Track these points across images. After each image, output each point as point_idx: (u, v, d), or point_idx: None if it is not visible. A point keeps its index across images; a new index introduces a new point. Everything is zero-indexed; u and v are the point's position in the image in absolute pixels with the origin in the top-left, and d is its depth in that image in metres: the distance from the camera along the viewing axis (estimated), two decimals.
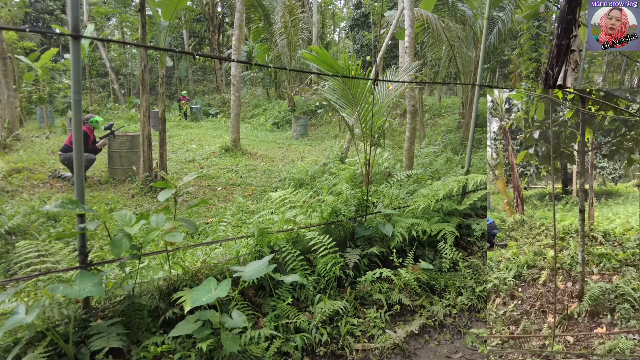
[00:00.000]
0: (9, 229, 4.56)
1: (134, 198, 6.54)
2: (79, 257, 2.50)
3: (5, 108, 10.74)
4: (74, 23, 2.41)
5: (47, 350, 2.25)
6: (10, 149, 9.91)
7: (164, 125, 6.93)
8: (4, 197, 6.00)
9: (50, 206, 2.32)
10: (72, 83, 2.43)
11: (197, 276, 2.81)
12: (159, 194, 2.60)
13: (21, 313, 2.09)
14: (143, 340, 2.47)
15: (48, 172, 7.70)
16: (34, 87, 16.60)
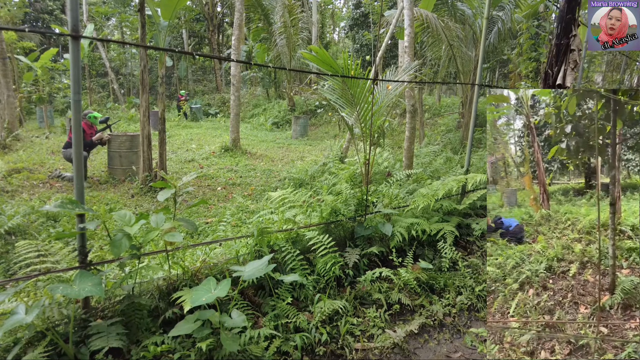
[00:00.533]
0: (9, 229, 4.57)
1: (133, 198, 6.55)
2: (79, 257, 2.50)
3: (5, 108, 10.73)
4: (74, 23, 2.41)
5: (47, 350, 2.25)
6: (10, 149, 9.90)
7: (163, 125, 6.93)
8: (4, 197, 6.00)
9: (50, 206, 2.32)
10: (71, 83, 2.43)
11: (196, 276, 2.82)
12: (159, 193, 2.60)
13: (21, 313, 2.09)
14: (143, 340, 2.47)
15: (48, 172, 7.70)
16: (34, 87, 16.60)
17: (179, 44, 25.70)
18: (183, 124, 16.48)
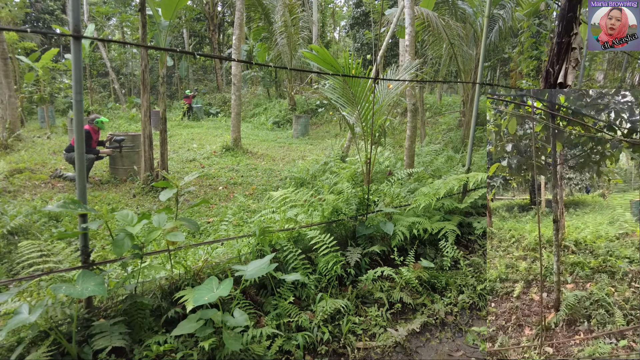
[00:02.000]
0: (11, 229, 4.58)
1: (135, 198, 6.56)
2: (81, 256, 2.51)
3: (6, 108, 10.75)
4: (75, 23, 2.41)
5: (50, 349, 2.26)
6: (11, 149, 9.92)
7: (165, 124, 6.94)
8: (6, 197, 6.01)
9: (53, 206, 2.33)
10: (73, 83, 2.43)
11: (198, 275, 2.82)
12: (161, 193, 2.61)
13: (24, 313, 2.10)
14: (145, 339, 2.48)
15: (49, 172, 7.72)
16: (35, 87, 16.61)
17: (180, 43, 25.71)
18: (184, 124, 16.50)
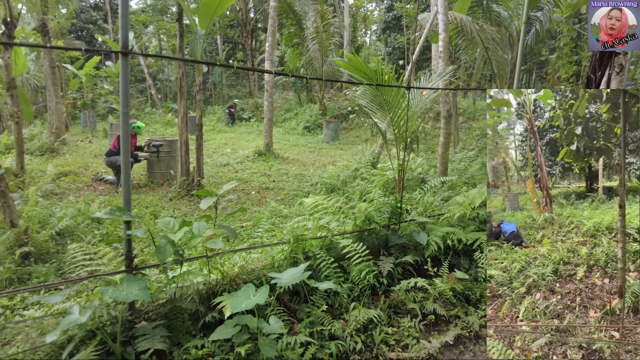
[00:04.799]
0: (59, 230, 4.84)
1: (171, 201, 6.78)
2: (126, 261, 2.63)
3: (53, 114, 11.35)
4: (124, 40, 2.55)
5: (97, 348, 2.38)
6: (57, 152, 10.47)
7: (201, 130, 7.14)
8: (53, 199, 6.35)
9: (100, 213, 2.46)
10: (120, 96, 2.57)
11: (235, 281, 2.90)
12: (201, 202, 2.70)
13: (75, 313, 2.23)
14: (184, 342, 2.57)
15: (91, 175, 8.09)
16: (79, 93, 17.45)
17: (214, 49, 26.35)
18: (218, 129, 16.89)
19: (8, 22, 6.64)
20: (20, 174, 6.94)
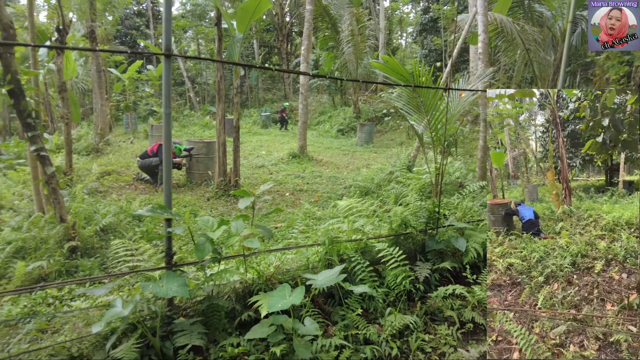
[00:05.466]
0: (103, 226, 5.04)
1: (209, 201, 6.93)
2: (165, 258, 2.70)
3: (99, 116, 11.89)
4: (167, 43, 2.63)
5: (138, 342, 2.45)
6: (101, 152, 10.95)
7: (237, 133, 7.27)
8: (97, 197, 6.64)
9: (143, 210, 2.54)
10: (163, 98, 2.65)
11: (270, 280, 2.92)
12: (239, 202, 2.74)
13: (118, 306, 2.31)
14: (220, 339, 2.61)
15: (133, 175, 8.41)
16: (122, 96, 18.21)
17: (250, 53, 26.84)
18: (253, 131, 17.16)
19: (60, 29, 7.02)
20: (69, 173, 7.30)
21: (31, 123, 4.35)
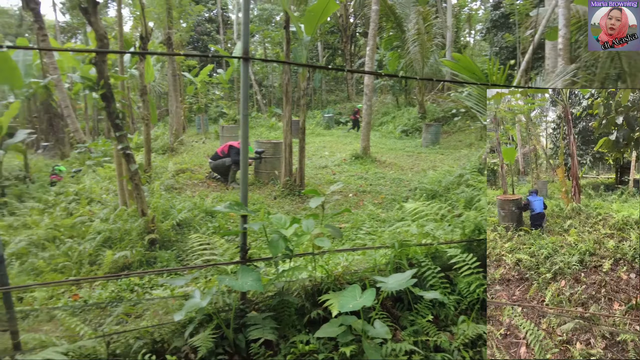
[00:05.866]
0: (179, 221, 5.37)
1: (275, 200, 7.13)
2: (240, 253, 2.81)
3: (174, 117, 12.69)
4: (245, 47, 2.73)
5: (213, 332, 2.58)
6: (176, 151, 11.67)
7: (303, 134, 7.41)
8: (173, 193, 7.09)
9: (221, 207, 2.67)
10: (241, 100, 2.75)
11: (338, 280, 2.94)
12: (311, 200, 2.78)
13: (197, 297, 2.44)
14: (290, 336, 2.66)
15: (205, 173, 8.87)
16: (194, 98, 19.30)
17: (314, 56, 27.22)
18: (317, 132, 17.40)
19: (143, 37, 7.59)
20: (148, 170, 7.87)
21: (119, 124, 4.75)
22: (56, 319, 3.37)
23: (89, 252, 4.70)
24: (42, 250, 4.91)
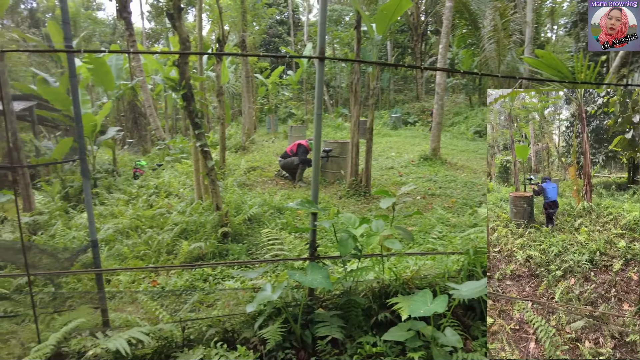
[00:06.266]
0: (250, 216, 5.57)
1: (341, 199, 7.15)
2: (309, 249, 2.85)
3: (246, 117, 13.21)
4: (321, 46, 2.75)
5: (282, 326, 2.63)
6: (247, 150, 12.14)
7: (371, 134, 7.35)
8: (245, 189, 7.37)
9: (293, 203, 2.71)
10: (315, 100, 2.78)
11: (407, 284, 2.86)
12: (381, 201, 2.74)
13: (268, 290, 2.50)
14: (356, 336, 2.64)
15: (274, 171, 9.13)
16: (265, 99, 19.95)
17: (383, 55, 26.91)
18: (383, 132, 17.19)
19: (220, 40, 7.98)
20: (222, 167, 8.27)
21: (198, 122, 5.02)
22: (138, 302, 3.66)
23: (166, 242, 5.03)
24: (126, 238, 5.35)
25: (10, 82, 8.90)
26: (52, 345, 2.24)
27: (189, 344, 2.64)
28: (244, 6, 12.72)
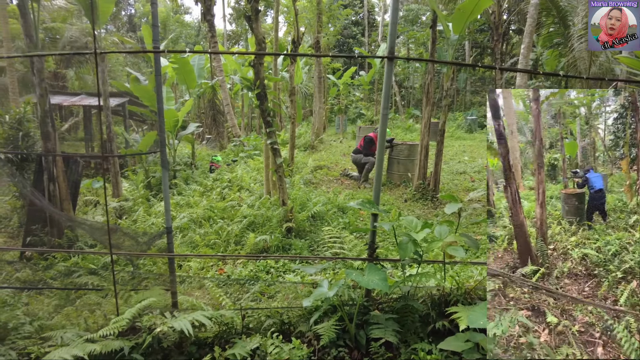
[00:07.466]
0: (313, 213, 5.67)
1: (406, 202, 7.01)
2: (368, 250, 2.84)
3: (316, 117, 13.43)
4: (391, 46, 2.73)
5: (336, 323, 2.65)
6: (315, 149, 12.34)
7: (442, 136, 7.12)
8: (311, 187, 7.51)
9: (354, 203, 2.72)
10: (382, 99, 2.76)
11: (469, 294, 2.75)
12: (446, 206, 2.66)
13: (325, 287, 2.54)
14: (411, 342, 2.59)
15: (340, 171, 9.19)
16: (336, 100, 20.12)
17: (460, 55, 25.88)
18: (457, 135, 16.55)
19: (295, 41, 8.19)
20: (291, 164, 8.50)
21: (269, 121, 5.21)
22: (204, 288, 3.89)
23: (235, 232, 5.29)
24: (199, 227, 5.71)
25: (108, 80, 9.89)
26: (127, 319, 2.47)
27: (247, 332, 2.76)
28: (319, 8, 12.93)
